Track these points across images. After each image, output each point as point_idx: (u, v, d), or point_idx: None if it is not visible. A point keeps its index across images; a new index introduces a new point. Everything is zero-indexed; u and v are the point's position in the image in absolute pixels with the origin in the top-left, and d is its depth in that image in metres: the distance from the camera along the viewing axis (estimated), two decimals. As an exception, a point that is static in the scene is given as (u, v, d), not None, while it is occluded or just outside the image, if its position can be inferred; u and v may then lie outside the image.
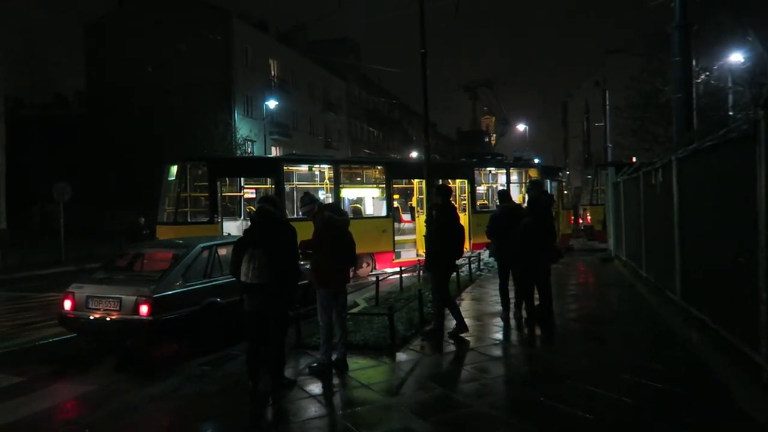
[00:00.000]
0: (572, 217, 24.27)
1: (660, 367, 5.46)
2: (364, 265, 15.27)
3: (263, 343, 5.47)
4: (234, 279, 5.71)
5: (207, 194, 13.31)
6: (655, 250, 8.80)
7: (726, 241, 5.07)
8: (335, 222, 5.86)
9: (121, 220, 29.88)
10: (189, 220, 13.54)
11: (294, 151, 28.22)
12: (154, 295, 6.78)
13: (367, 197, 16.73)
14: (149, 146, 29.36)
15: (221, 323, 7.47)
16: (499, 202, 8.92)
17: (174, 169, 13.56)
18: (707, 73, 19.31)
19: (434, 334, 7.14)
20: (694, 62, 9.43)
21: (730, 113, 17.48)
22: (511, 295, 8.33)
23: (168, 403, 5.34)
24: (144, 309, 6.71)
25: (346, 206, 15.50)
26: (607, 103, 28.92)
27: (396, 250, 15.82)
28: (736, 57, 18.43)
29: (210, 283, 7.52)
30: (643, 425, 4.27)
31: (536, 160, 21.99)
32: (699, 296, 6.10)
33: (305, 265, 6.92)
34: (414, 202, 17.17)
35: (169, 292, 6.97)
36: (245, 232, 5.63)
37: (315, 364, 5.92)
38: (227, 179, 14.03)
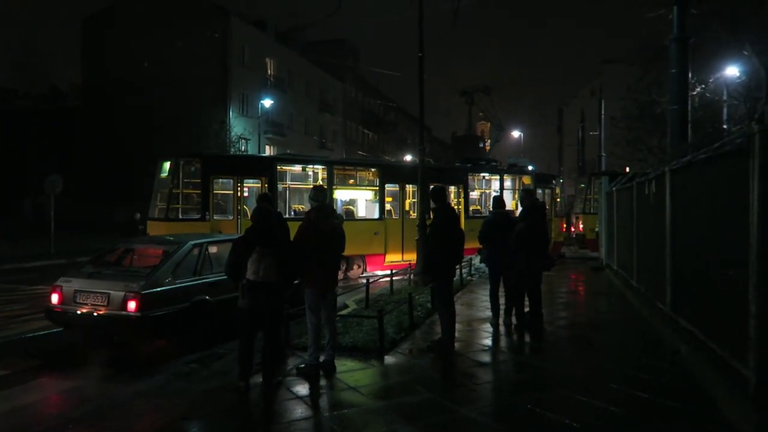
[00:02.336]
0: (564, 225, 24.33)
1: (648, 378, 5.46)
2: (355, 266, 15.25)
3: (254, 341, 5.43)
4: (225, 277, 5.68)
5: (199, 191, 13.25)
6: (646, 261, 8.83)
7: (717, 254, 5.08)
8: (317, 228, 5.81)
9: (114, 214, 29.72)
10: (180, 216, 13.47)
11: (288, 151, 28.13)
12: (143, 291, 6.73)
13: (360, 199, 16.71)
14: (144, 141, 29.23)
15: (210, 321, 7.44)
16: (493, 207, 8.91)
17: (167, 165, 13.48)
18: (703, 86, 19.41)
19: (440, 347, 6.64)
20: (690, 75, 9.46)
21: (725, 126, 17.58)
22: (502, 301, 8.33)
23: (154, 400, 5.30)
24: (132, 305, 6.66)
25: (339, 207, 15.49)
26: (603, 112, 29.03)
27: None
28: (732, 70, 18.55)
29: (200, 281, 7.48)
30: (629, 435, 4.27)
31: (530, 167, 22.09)
32: (688, 308, 6.12)
33: None
34: (407, 206, 17.16)
35: (158, 289, 6.93)
36: (248, 230, 5.56)
37: (302, 365, 5.88)
38: (220, 177, 13.96)
